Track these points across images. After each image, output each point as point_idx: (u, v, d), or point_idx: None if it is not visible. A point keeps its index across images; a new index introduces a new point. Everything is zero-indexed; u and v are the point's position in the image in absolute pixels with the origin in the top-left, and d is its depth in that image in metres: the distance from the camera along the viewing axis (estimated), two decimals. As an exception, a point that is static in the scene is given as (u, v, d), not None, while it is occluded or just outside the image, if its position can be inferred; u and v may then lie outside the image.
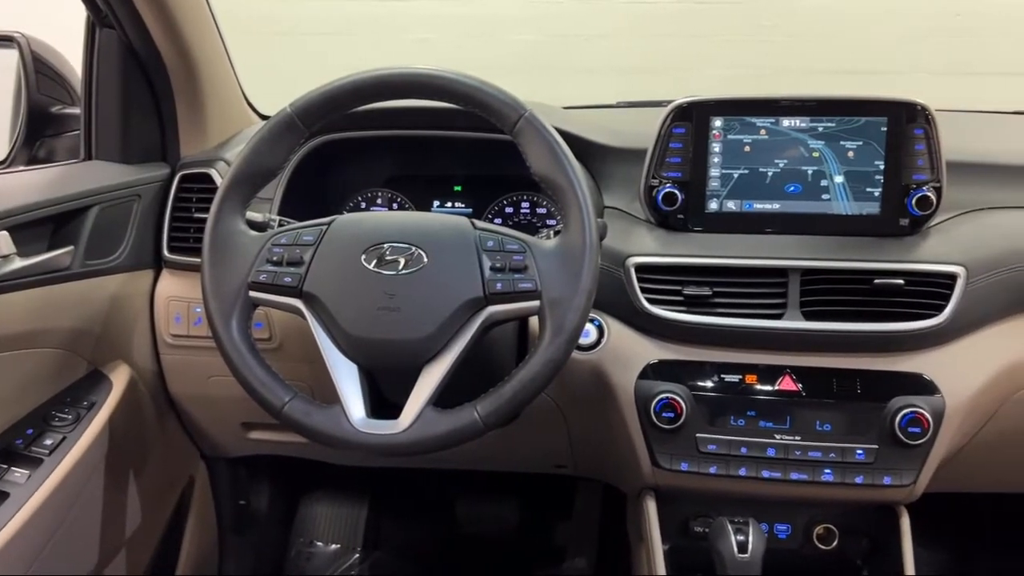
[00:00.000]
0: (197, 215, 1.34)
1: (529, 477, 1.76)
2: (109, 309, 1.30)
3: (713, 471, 1.16)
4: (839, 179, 1.20)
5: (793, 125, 1.20)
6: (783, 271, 1.16)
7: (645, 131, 1.25)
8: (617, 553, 1.62)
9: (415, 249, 0.99)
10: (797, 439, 1.14)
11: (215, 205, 1.03)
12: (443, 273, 0.98)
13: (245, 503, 1.76)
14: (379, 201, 1.50)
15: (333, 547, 1.92)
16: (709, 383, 1.17)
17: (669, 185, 1.23)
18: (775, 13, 3.17)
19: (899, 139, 1.18)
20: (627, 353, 1.19)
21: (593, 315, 1.20)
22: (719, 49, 3.19)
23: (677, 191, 1.22)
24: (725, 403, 1.16)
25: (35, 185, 1.24)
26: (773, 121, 1.21)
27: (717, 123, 1.21)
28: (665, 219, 1.24)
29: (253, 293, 1.01)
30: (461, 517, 1.98)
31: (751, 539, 1.10)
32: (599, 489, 1.85)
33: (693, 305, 1.17)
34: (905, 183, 1.18)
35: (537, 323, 0.97)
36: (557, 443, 1.40)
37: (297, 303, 1.00)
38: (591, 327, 1.20)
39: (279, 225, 1.09)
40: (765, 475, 1.15)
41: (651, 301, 1.17)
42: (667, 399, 1.14)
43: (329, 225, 1.03)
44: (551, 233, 1.04)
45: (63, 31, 1.46)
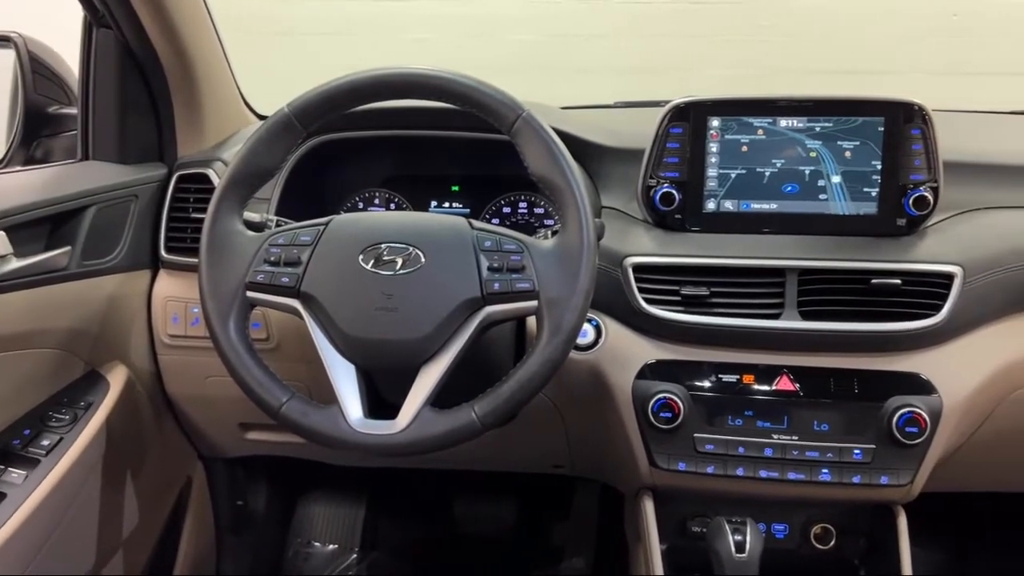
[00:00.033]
0: (194, 215, 1.34)
1: (527, 477, 1.76)
2: (106, 309, 1.30)
3: (711, 471, 1.16)
4: (836, 179, 1.20)
5: (790, 125, 1.20)
6: (780, 271, 1.17)
7: (643, 131, 1.25)
8: (615, 553, 1.62)
9: (412, 249, 0.99)
10: (795, 439, 1.14)
11: (212, 205, 1.03)
12: (441, 273, 0.98)
13: (243, 503, 1.76)
14: (376, 201, 1.50)
15: (331, 547, 1.92)
16: (707, 383, 1.17)
17: (667, 185, 1.23)
18: (773, 13, 3.17)
19: (896, 139, 1.18)
20: (625, 353, 1.19)
21: (591, 315, 1.20)
22: (717, 49, 3.19)
23: (675, 191, 1.22)
24: (723, 403, 1.16)
25: (32, 185, 1.24)
26: (770, 121, 1.21)
27: (714, 123, 1.21)
28: (663, 219, 1.24)
29: (250, 293, 1.01)
30: (459, 517, 1.98)
31: (749, 539, 1.10)
32: (597, 489, 1.85)
33: (691, 305, 1.17)
34: (902, 183, 1.19)
35: (535, 323, 0.97)
36: (555, 443, 1.40)
37: (294, 303, 1.00)
38: (589, 327, 1.20)
39: (276, 225, 1.09)
40: (763, 475, 1.15)
41: (649, 301, 1.17)
42: (665, 399, 1.14)
43: (326, 225, 1.03)
44: (549, 233, 1.04)
45: (61, 31, 1.46)
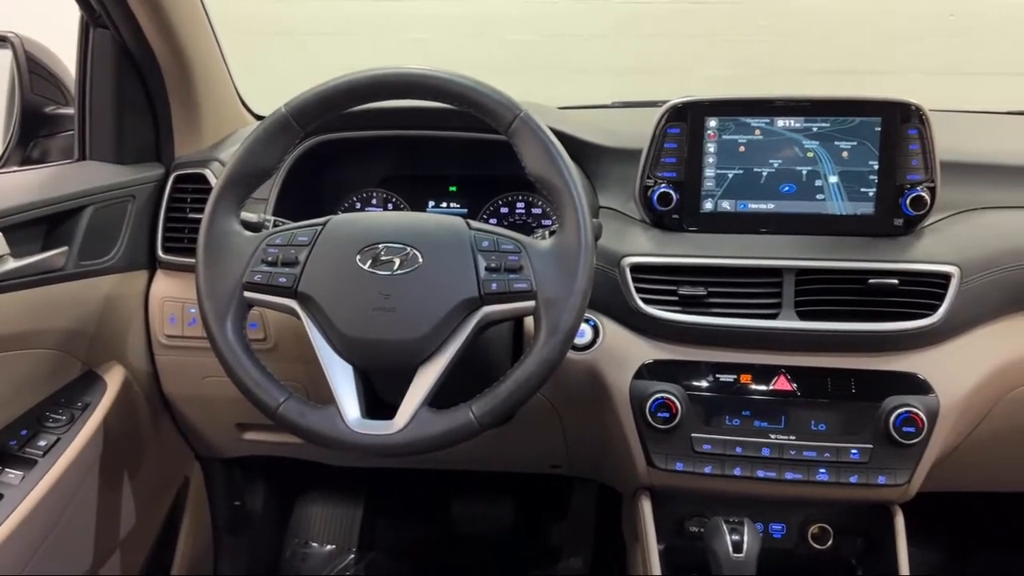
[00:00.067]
0: (192, 215, 1.34)
1: (525, 477, 1.76)
2: (103, 310, 1.29)
3: (708, 471, 1.16)
4: (833, 179, 1.21)
5: (788, 125, 1.21)
6: (778, 271, 1.17)
7: (640, 131, 1.25)
8: (612, 553, 1.62)
9: (410, 249, 0.99)
10: (792, 439, 1.14)
11: (210, 205, 1.03)
12: (438, 273, 0.98)
13: (240, 504, 1.76)
14: (374, 201, 1.50)
15: (328, 548, 1.92)
16: (704, 383, 1.17)
17: (664, 185, 1.23)
18: (771, 13, 3.17)
19: (893, 139, 1.18)
20: (622, 353, 1.19)
21: (588, 315, 1.20)
22: (715, 49, 3.19)
23: (672, 191, 1.22)
24: (720, 403, 1.16)
25: (29, 185, 1.24)
26: (768, 121, 1.21)
27: (712, 123, 1.21)
28: (660, 219, 1.24)
29: (248, 293, 1.01)
30: (457, 517, 1.98)
31: (746, 539, 1.10)
32: (594, 489, 1.85)
33: (688, 305, 1.17)
34: (899, 183, 1.19)
35: (532, 323, 0.97)
36: (552, 443, 1.40)
37: (292, 303, 1.00)
38: (586, 327, 1.20)
39: (274, 225, 1.09)
40: (760, 475, 1.15)
41: (646, 301, 1.17)
42: (662, 399, 1.14)
43: (324, 225, 1.03)
44: (546, 233, 1.04)
45: (58, 31, 1.46)
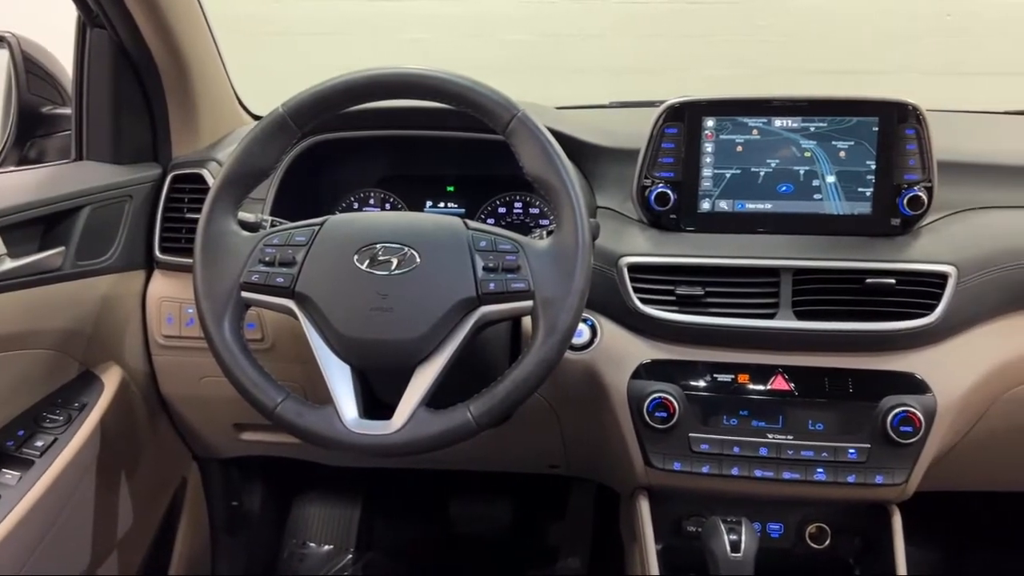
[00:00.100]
0: (189, 215, 1.34)
1: (522, 477, 1.76)
2: (100, 310, 1.29)
3: (706, 471, 1.16)
4: (831, 179, 1.21)
5: (785, 125, 1.21)
6: (775, 271, 1.17)
7: (638, 131, 1.25)
8: (610, 553, 1.62)
9: (408, 249, 0.99)
10: (789, 438, 1.14)
11: (207, 205, 1.03)
12: (436, 273, 0.98)
13: (237, 504, 1.75)
14: (371, 201, 1.50)
15: (326, 548, 1.91)
16: (702, 383, 1.17)
17: (661, 185, 1.23)
18: (770, 13, 3.18)
19: (890, 139, 1.18)
20: (620, 353, 1.19)
21: (586, 315, 1.20)
22: (713, 49, 3.19)
23: (669, 191, 1.22)
24: (718, 403, 1.16)
25: (26, 185, 1.24)
26: (765, 121, 1.21)
27: (709, 123, 1.22)
28: (657, 219, 1.25)
29: (245, 294, 1.00)
30: (454, 517, 1.98)
31: (744, 538, 1.10)
32: (592, 489, 1.85)
33: (686, 305, 1.17)
34: (896, 183, 1.19)
35: (530, 323, 0.97)
36: (550, 443, 1.40)
37: (289, 303, 1.00)
38: (584, 327, 1.20)
39: (271, 225, 1.09)
40: (758, 474, 1.15)
41: (644, 301, 1.17)
42: (660, 399, 1.14)
43: (321, 225, 1.03)
44: (544, 233, 1.04)
45: (54, 31, 1.46)
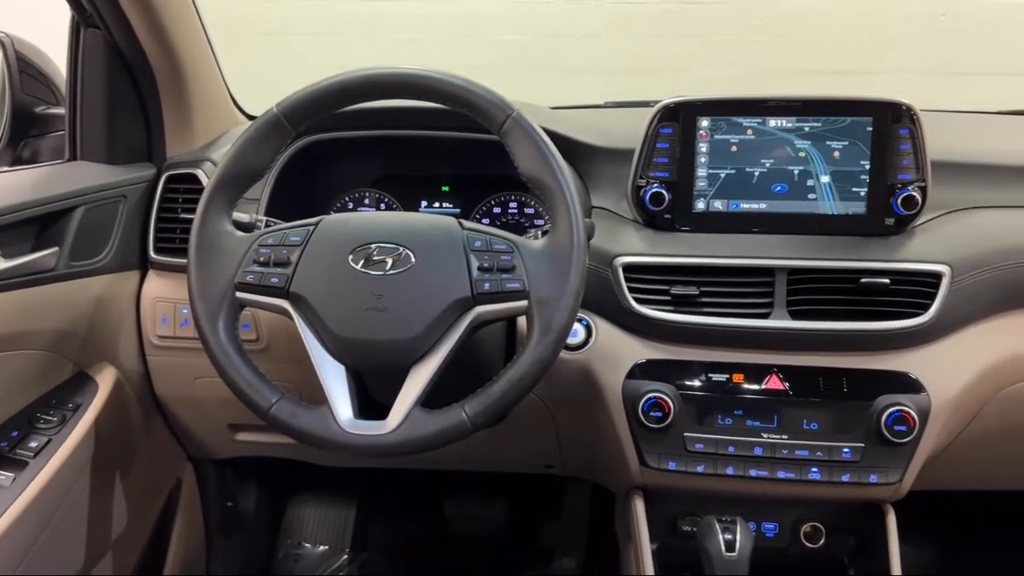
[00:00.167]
0: (183, 216, 1.34)
1: (518, 477, 1.76)
2: (95, 310, 1.29)
3: (701, 470, 1.16)
4: (825, 179, 1.21)
5: (779, 125, 1.21)
6: (770, 270, 1.17)
7: (633, 131, 1.25)
8: (606, 553, 1.62)
9: (403, 249, 0.99)
10: (784, 438, 1.15)
11: (201, 206, 1.03)
12: (431, 273, 0.98)
13: (232, 504, 1.75)
14: (367, 201, 1.50)
15: (321, 548, 1.91)
16: (697, 382, 1.17)
17: (656, 185, 1.23)
18: (764, 13, 3.17)
19: (884, 139, 1.19)
20: (615, 353, 1.19)
21: (581, 315, 1.20)
22: (708, 49, 3.19)
23: (664, 191, 1.23)
24: (713, 402, 1.16)
25: (19, 186, 1.23)
26: (760, 121, 1.21)
27: (704, 123, 1.22)
28: (652, 219, 1.25)
29: (240, 294, 1.00)
30: (450, 517, 1.98)
31: (739, 538, 1.10)
32: (588, 489, 1.85)
33: (680, 304, 1.17)
34: (890, 183, 1.19)
35: (525, 323, 0.97)
36: (546, 443, 1.40)
37: (284, 304, 1.00)
38: (579, 327, 1.20)
39: (266, 225, 1.09)
40: (752, 474, 1.15)
41: (639, 301, 1.17)
42: (655, 398, 1.14)
43: (316, 225, 1.03)
44: (539, 233, 1.04)
45: (45, 31, 1.46)
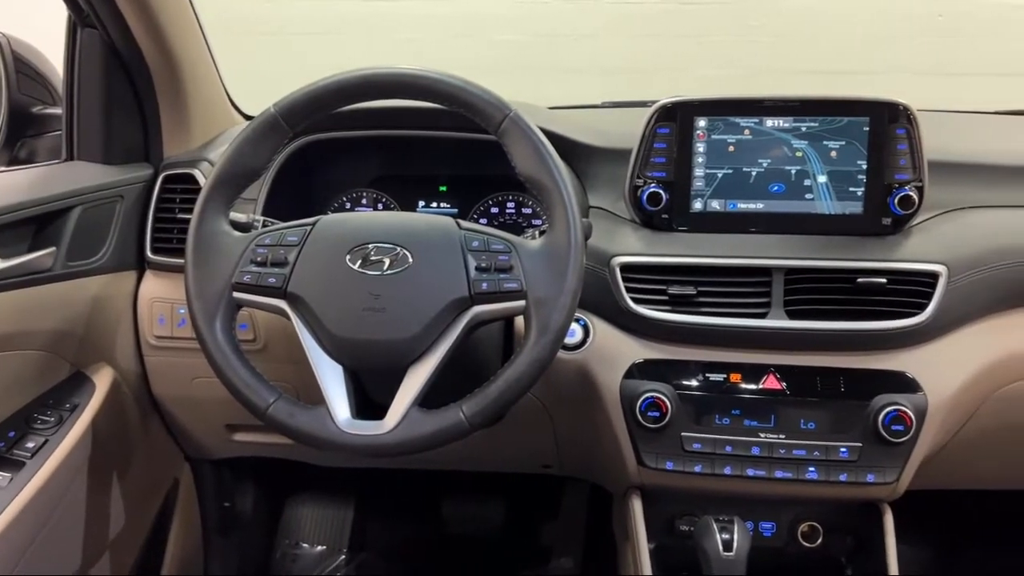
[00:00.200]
0: (181, 216, 1.33)
1: (515, 477, 1.76)
2: (92, 311, 1.29)
3: (698, 470, 1.16)
4: (822, 179, 1.21)
5: (776, 125, 1.21)
6: (767, 270, 1.17)
7: (630, 131, 1.25)
8: (603, 552, 1.62)
9: (400, 249, 0.99)
10: (781, 437, 1.15)
11: (198, 206, 1.03)
12: (428, 273, 0.98)
13: (230, 505, 1.75)
14: (364, 201, 1.50)
15: (319, 548, 1.91)
16: (694, 382, 1.17)
17: (654, 185, 1.23)
18: (762, 13, 3.18)
19: (881, 139, 1.19)
20: (612, 352, 1.19)
21: (578, 315, 1.20)
22: (706, 49, 3.19)
23: (662, 191, 1.23)
24: (710, 402, 1.16)
25: (16, 186, 1.23)
26: (757, 121, 1.21)
27: (701, 123, 1.22)
28: (650, 219, 1.25)
29: (237, 294, 1.00)
30: (447, 517, 1.98)
31: (736, 537, 1.10)
32: (585, 489, 1.85)
33: (678, 304, 1.17)
34: (887, 183, 1.19)
35: (523, 323, 0.97)
36: (543, 443, 1.40)
37: (281, 304, 1.00)
38: (576, 327, 1.20)
39: (263, 226, 1.09)
40: (750, 473, 1.15)
41: (636, 300, 1.17)
42: (652, 398, 1.15)
43: (313, 225, 1.03)
44: (536, 233, 1.04)
45: (38, 31, 1.46)
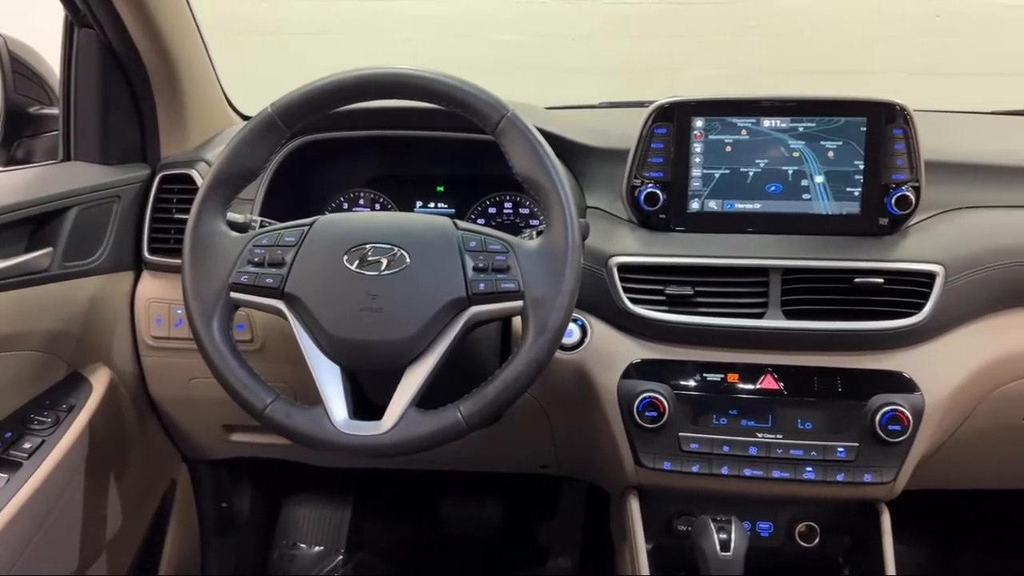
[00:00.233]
0: (178, 216, 1.33)
1: (513, 477, 1.76)
2: (89, 311, 1.29)
3: (696, 470, 1.16)
4: (819, 179, 1.21)
5: (774, 125, 1.21)
6: (764, 270, 1.17)
7: (627, 131, 1.25)
8: (601, 553, 1.62)
9: (397, 250, 0.99)
10: (779, 437, 1.15)
11: (196, 206, 1.03)
12: (426, 273, 0.98)
13: (227, 505, 1.75)
14: (361, 201, 1.50)
15: (316, 549, 1.91)
16: (691, 382, 1.17)
17: (651, 185, 1.23)
18: (759, 14, 3.18)
19: (878, 139, 1.19)
20: (610, 353, 1.19)
21: (576, 315, 1.20)
22: (703, 50, 3.20)
23: (659, 191, 1.23)
24: (707, 402, 1.17)
25: (13, 186, 1.23)
26: (754, 121, 1.21)
27: (698, 123, 1.22)
28: (647, 219, 1.25)
29: (234, 294, 1.00)
30: (445, 518, 1.98)
31: (734, 537, 1.10)
32: (583, 489, 1.85)
33: (675, 304, 1.17)
34: (884, 183, 1.19)
35: (520, 323, 0.97)
36: (541, 443, 1.40)
37: (279, 304, 1.00)
38: (574, 327, 1.20)
39: (260, 226, 1.09)
40: (747, 473, 1.15)
41: (633, 301, 1.17)
42: (650, 398, 1.15)
43: (311, 226, 1.02)
44: (534, 233, 1.04)
45: (35, 32, 1.45)
